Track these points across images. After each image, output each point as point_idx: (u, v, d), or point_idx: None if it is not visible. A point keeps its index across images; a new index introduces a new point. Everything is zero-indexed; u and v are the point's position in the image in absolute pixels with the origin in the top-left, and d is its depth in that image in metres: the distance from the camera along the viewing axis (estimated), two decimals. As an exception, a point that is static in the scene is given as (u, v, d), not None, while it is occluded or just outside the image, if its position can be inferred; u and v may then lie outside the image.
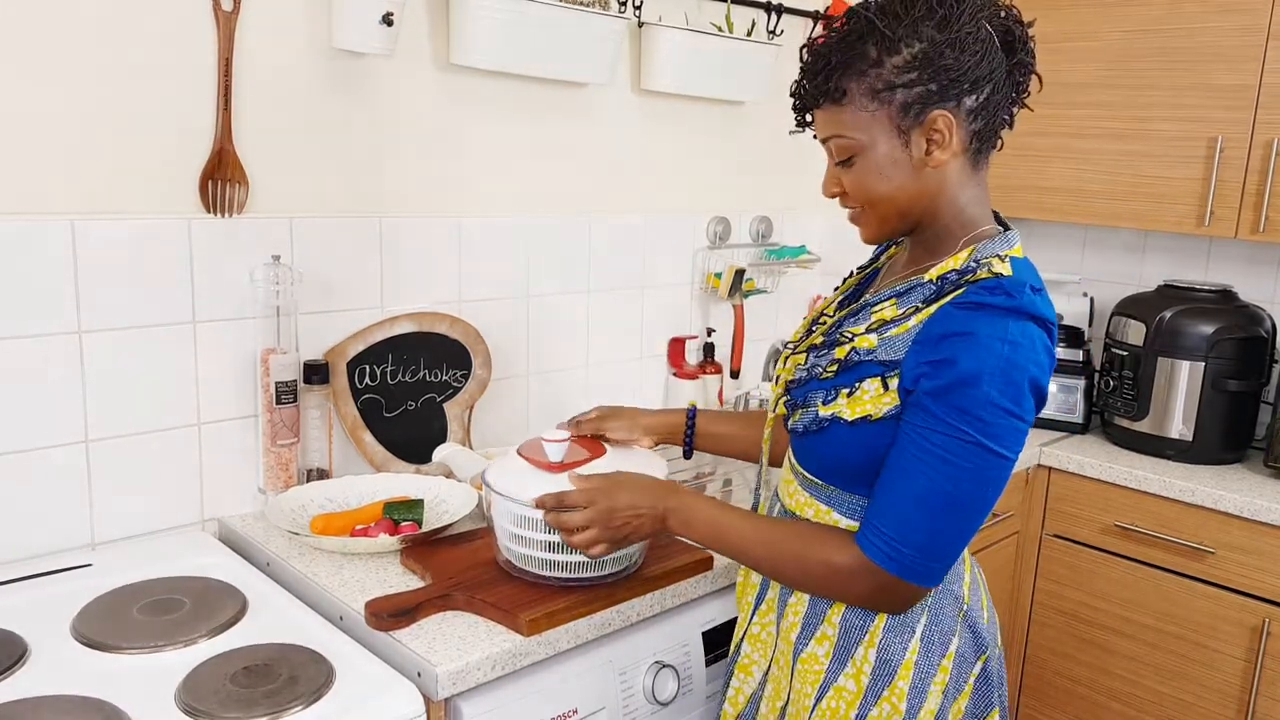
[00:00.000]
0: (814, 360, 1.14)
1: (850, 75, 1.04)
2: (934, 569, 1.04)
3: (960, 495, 1.00)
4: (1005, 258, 1.05)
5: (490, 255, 1.89)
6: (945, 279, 1.06)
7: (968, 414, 0.98)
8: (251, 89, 1.53)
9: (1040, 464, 2.35)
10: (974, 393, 0.98)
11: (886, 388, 1.04)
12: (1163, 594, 2.19)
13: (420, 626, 1.24)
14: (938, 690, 1.12)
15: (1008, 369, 0.98)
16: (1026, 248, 2.91)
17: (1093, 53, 2.46)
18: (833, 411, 1.08)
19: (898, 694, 1.11)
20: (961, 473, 0.99)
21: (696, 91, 2.07)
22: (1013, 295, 1.00)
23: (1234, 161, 2.23)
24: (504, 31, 1.71)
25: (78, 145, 1.38)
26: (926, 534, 1.02)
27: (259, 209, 1.57)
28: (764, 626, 1.24)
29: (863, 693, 1.11)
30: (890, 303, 1.10)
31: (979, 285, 1.01)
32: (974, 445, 0.99)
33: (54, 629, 1.21)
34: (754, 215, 2.38)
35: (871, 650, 1.11)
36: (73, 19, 1.35)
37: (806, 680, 1.15)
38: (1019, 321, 0.99)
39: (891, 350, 1.05)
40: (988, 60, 1.03)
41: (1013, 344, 0.98)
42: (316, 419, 1.62)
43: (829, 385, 1.09)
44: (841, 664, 1.13)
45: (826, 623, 1.14)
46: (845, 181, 1.09)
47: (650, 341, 2.23)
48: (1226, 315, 2.24)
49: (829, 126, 1.08)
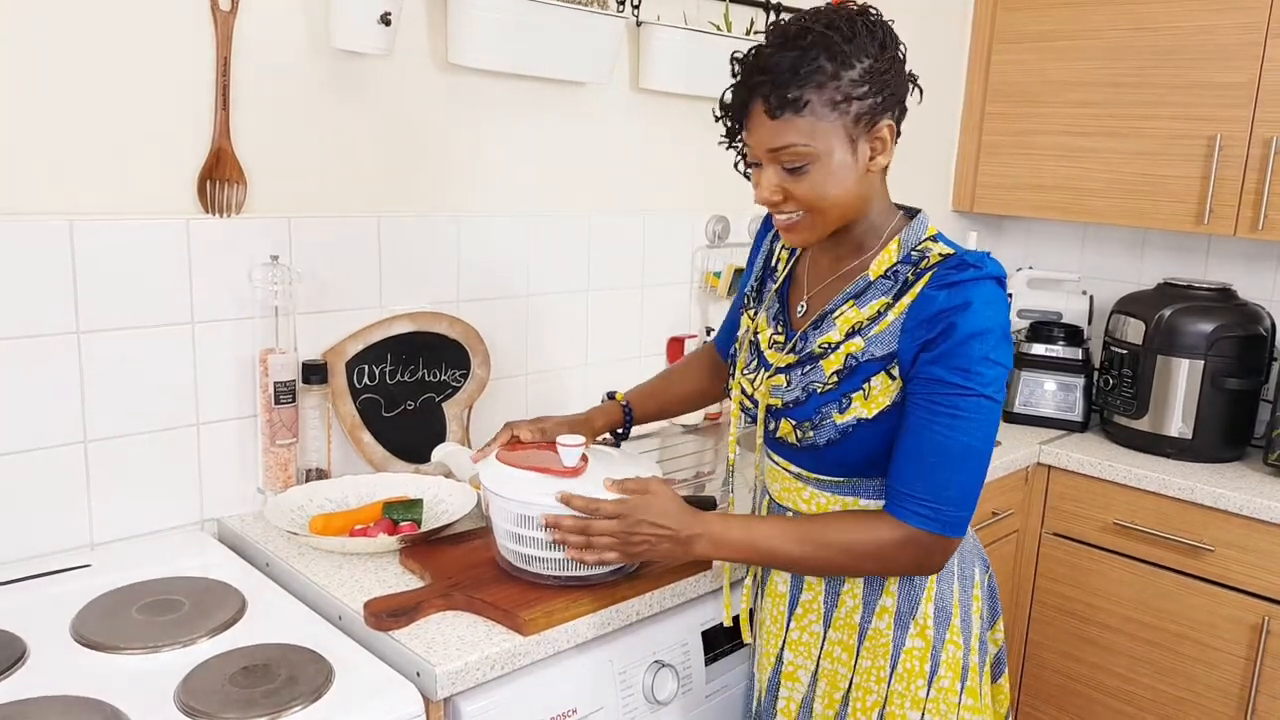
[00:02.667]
0: (804, 379, 1.20)
1: (811, 87, 1.09)
2: (965, 517, 1.14)
3: (973, 444, 1.11)
4: (936, 239, 1.19)
5: (489, 255, 1.89)
6: (896, 271, 1.17)
7: (968, 371, 1.09)
8: (250, 89, 1.53)
9: (1040, 462, 2.35)
10: (969, 351, 1.09)
11: (893, 377, 1.15)
12: (1162, 592, 2.19)
13: (419, 626, 1.23)
14: (976, 617, 1.26)
15: (992, 326, 1.10)
16: (1026, 245, 2.93)
17: (1091, 51, 2.46)
18: (853, 416, 1.16)
19: (955, 632, 1.23)
20: (971, 423, 1.10)
21: (695, 90, 2.07)
22: (979, 266, 1.12)
23: (1233, 159, 2.23)
24: (502, 31, 1.71)
25: (76, 145, 1.38)
26: (955, 487, 1.12)
27: (257, 209, 1.57)
28: (804, 629, 1.28)
29: (930, 645, 1.22)
30: (849, 305, 1.19)
31: (946, 266, 1.14)
32: (976, 397, 1.10)
33: (53, 629, 1.21)
34: (753, 214, 2.38)
35: (929, 605, 1.21)
36: (70, 19, 1.35)
37: (877, 655, 1.23)
38: (989, 285, 1.12)
39: (883, 345, 1.15)
40: (906, 78, 1.16)
41: (994, 305, 1.11)
42: (315, 419, 1.62)
43: (836, 395, 1.17)
44: (904, 628, 1.22)
45: (885, 594, 1.22)
46: (795, 189, 1.14)
47: (649, 340, 2.23)
48: (1226, 313, 2.24)
49: (782, 135, 1.11)
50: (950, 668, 1.22)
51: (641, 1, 1.98)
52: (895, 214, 1.22)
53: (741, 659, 1.52)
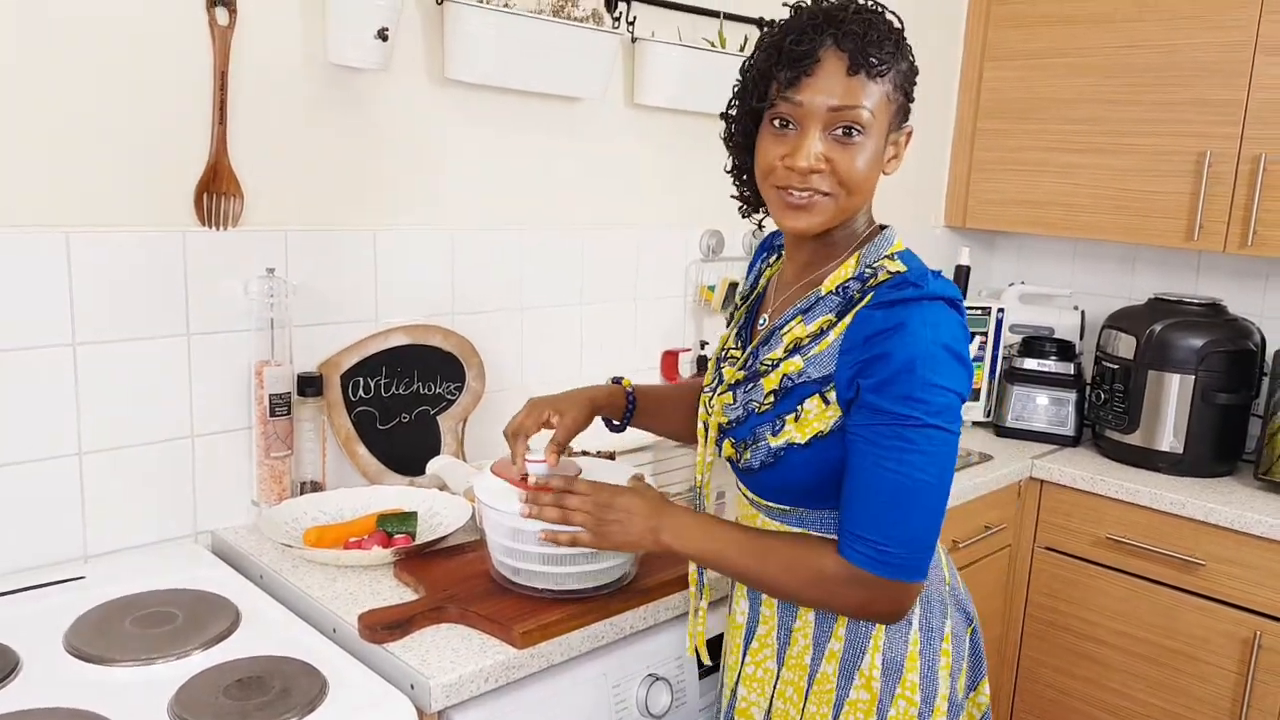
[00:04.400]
0: (746, 396, 1.16)
1: (896, 57, 1.07)
2: (921, 561, 1.05)
3: (925, 479, 1.02)
4: (893, 256, 1.12)
5: (484, 268, 1.89)
6: (846, 288, 1.11)
7: (911, 399, 1.01)
8: (247, 102, 1.53)
9: (1032, 476, 2.36)
10: (912, 378, 1.01)
11: (827, 402, 1.08)
12: (1154, 606, 2.20)
13: (413, 639, 1.23)
14: (944, 673, 1.15)
15: (935, 350, 1.02)
16: (1018, 261, 2.95)
17: (1083, 68, 2.48)
18: (785, 439, 1.11)
19: (909, 688, 1.13)
20: (920, 456, 1.02)
21: (689, 106, 2.09)
22: (919, 285, 1.05)
23: (1222, 176, 2.25)
24: (498, 47, 1.72)
25: (72, 158, 1.39)
26: (905, 527, 1.03)
27: (254, 222, 1.57)
28: (758, 664, 1.22)
29: (876, 698, 1.13)
30: (797, 321, 1.13)
31: (886, 286, 1.07)
32: (923, 427, 1.01)
33: (46, 641, 1.21)
34: (747, 228, 2.39)
35: (877, 655, 1.13)
36: (68, 32, 1.36)
37: (822, 702, 1.16)
38: (933, 306, 1.03)
39: (820, 366, 1.09)
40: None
41: (934, 326, 1.02)
42: (310, 431, 1.62)
43: (770, 416, 1.12)
44: (849, 678, 1.14)
45: (834, 638, 1.15)
46: (839, 160, 1.07)
47: (644, 354, 2.24)
48: (1216, 328, 2.25)
49: (855, 95, 1.04)
50: None
51: (636, 18, 2.00)
52: (871, 226, 1.17)
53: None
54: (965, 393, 1.05)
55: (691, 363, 2.31)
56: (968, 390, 1.05)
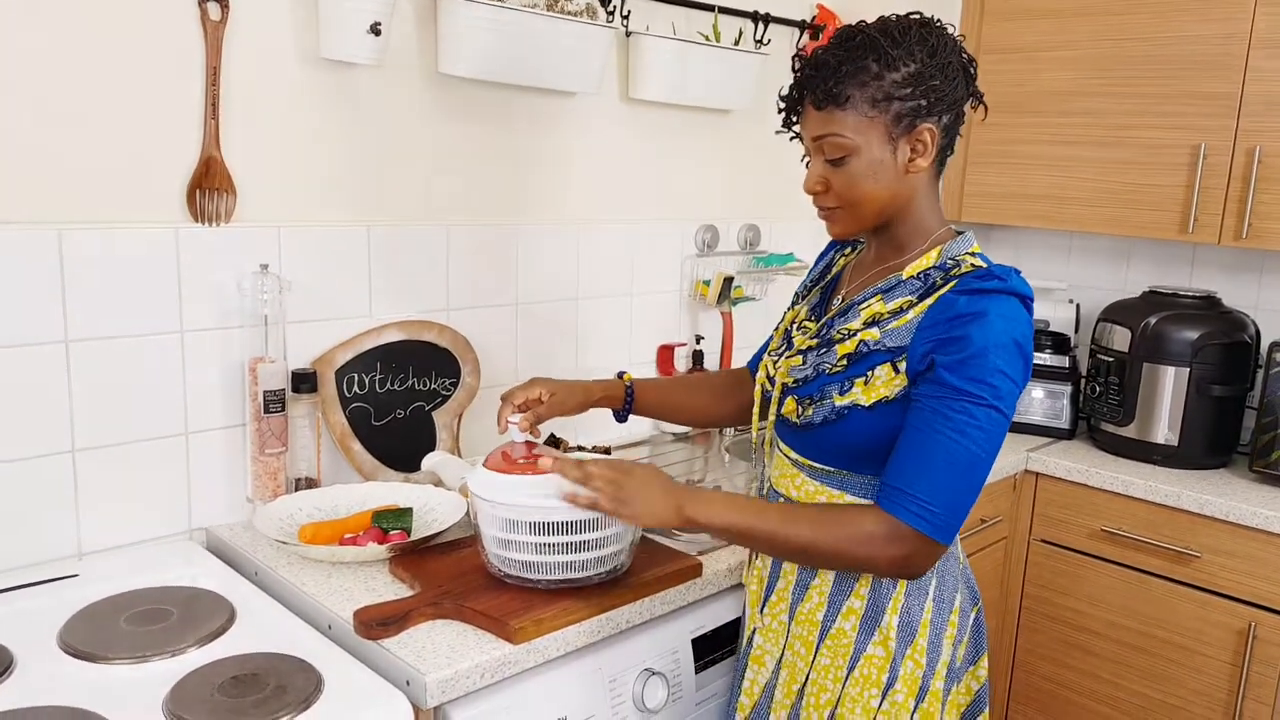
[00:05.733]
0: (818, 359, 1.24)
1: (854, 83, 1.16)
2: (955, 526, 1.15)
3: (978, 453, 1.12)
4: (974, 254, 1.22)
5: (478, 263, 1.89)
6: (928, 275, 1.20)
7: (982, 381, 1.11)
8: (239, 98, 1.53)
9: (1028, 469, 2.36)
10: (985, 362, 1.11)
11: (897, 371, 1.17)
12: (1149, 598, 2.20)
13: (409, 635, 1.23)
14: (949, 642, 1.26)
15: (1008, 341, 1.12)
16: (1013, 254, 2.94)
17: (1077, 61, 2.48)
18: (850, 400, 1.19)
19: (919, 651, 1.23)
20: (979, 433, 1.11)
21: (684, 100, 2.08)
22: (1004, 280, 1.15)
23: (1217, 169, 2.25)
24: (492, 41, 1.71)
25: (65, 154, 1.38)
26: (952, 492, 1.12)
27: (247, 218, 1.57)
28: (774, 617, 1.32)
29: (891, 656, 1.22)
30: (876, 299, 1.23)
31: (972, 275, 1.16)
32: (987, 407, 1.11)
33: (40, 639, 1.21)
34: (742, 223, 2.39)
35: (895, 616, 1.22)
36: (58, 28, 1.35)
37: (837, 654, 1.24)
38: (1010, 301, 1.14)
39: (896, 338, 1.18)
40: (959, 87, 1.19)
41: (1010, 320, 1.13)
42: (305, 428, 1.62)
43: (841, 378, 1.21)
44: (869, 634, 1.23)
45: (854, 596, 1.24)
46: (833, 180, 1.21)
47: (639, 349, 2.24)
48: (1210, 321, 2.26)
49: (826, 126, 1.18)
50: (907, 684, 1.22)
51: (631, 12, 1.99)
52: (939, 226, 1.25)
53: (732, 666, 1.52)
54: (1023, 385, 1.15)
55: (687, 357, 2.31)
56: (1025, 384, 1.15)
